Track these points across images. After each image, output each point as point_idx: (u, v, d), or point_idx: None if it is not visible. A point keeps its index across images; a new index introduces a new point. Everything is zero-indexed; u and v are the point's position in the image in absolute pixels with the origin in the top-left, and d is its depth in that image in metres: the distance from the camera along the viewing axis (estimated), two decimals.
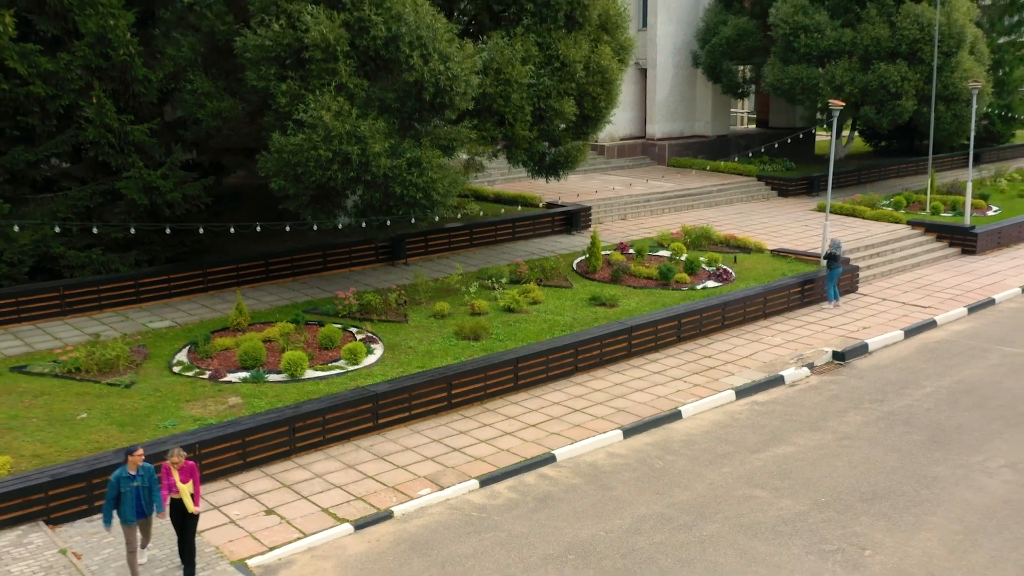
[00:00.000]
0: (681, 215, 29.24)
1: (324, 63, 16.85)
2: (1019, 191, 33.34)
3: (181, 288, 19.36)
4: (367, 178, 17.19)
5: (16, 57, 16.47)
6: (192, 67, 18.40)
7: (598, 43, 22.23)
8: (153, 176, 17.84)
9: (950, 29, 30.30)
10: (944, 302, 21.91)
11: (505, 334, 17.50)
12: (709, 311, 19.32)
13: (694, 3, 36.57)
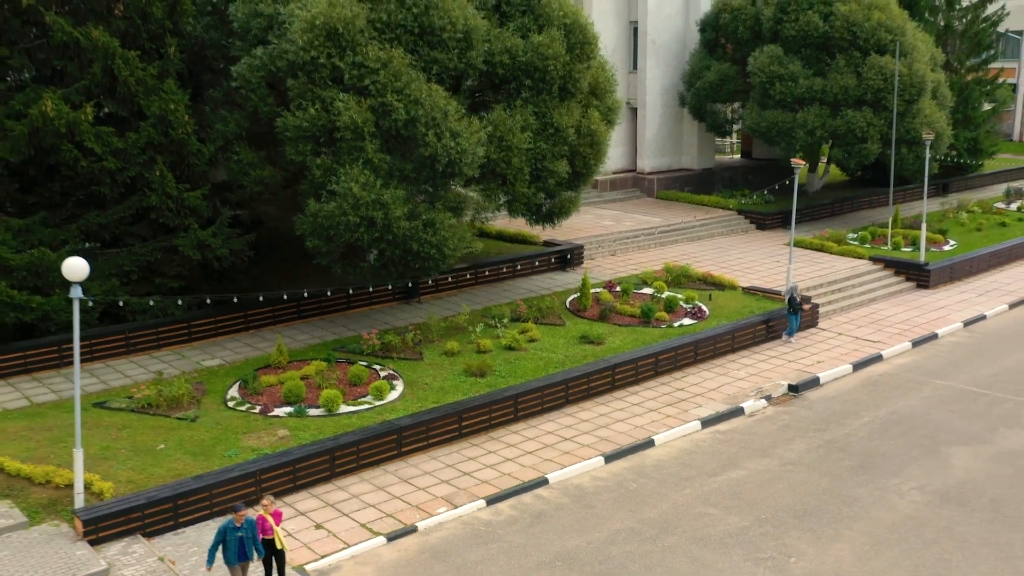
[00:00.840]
0: (666, 250, 32.24)
1: (353, 141, 19.86)
2: (977, 224, 36.29)
3: (227, 328, 22.40)
4: (389, 237, 20.19)
5: (93, 138, 19.48)
6: (238, 140, 21.44)
7: (588, 108, 25.25)
8: (205, 235, 20.88)
9: (911, 79, 33.31)
10: (892, 336, 24.93)
11: (507, 371, 20.51)
12: (683, 348, 22.34)
13: (680, 48, 39.56)
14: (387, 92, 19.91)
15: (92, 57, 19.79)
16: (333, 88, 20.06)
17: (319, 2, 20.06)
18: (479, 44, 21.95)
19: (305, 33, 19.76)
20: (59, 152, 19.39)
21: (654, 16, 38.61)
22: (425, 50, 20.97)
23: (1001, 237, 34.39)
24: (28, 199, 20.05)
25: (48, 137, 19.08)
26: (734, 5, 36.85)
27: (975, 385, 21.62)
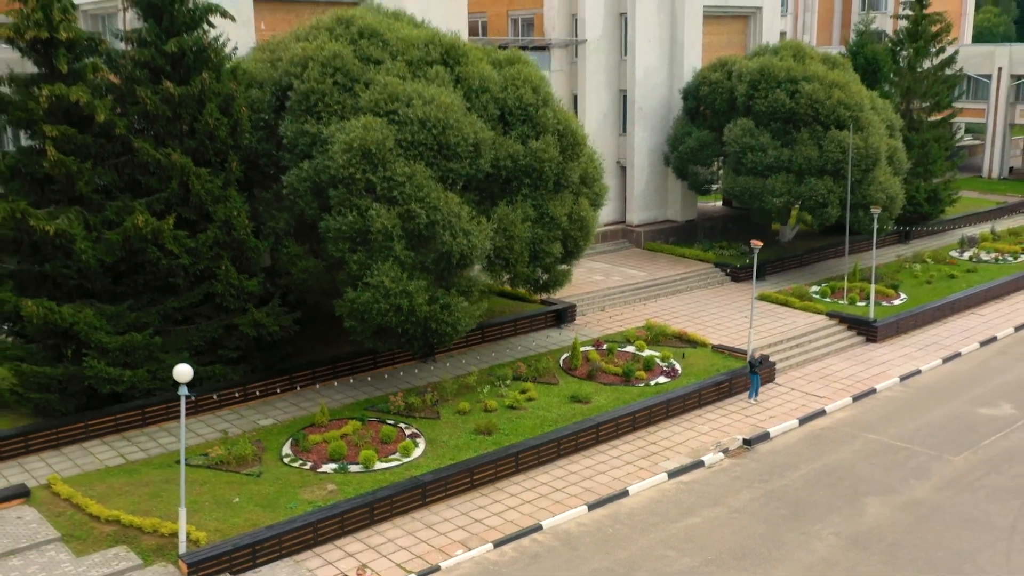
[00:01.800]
0: (649, 304, 36.64)
1: (384, 242, 24.23)
2: (929, 276, 40.64)
3: (275, 390, 26.80)
4: (412, 319, 24.56)
5: (172, 241, 23.88)
6: (286, 235, 25.85)
7: (579, 196, 29.64)
8: (260, 316, 25.28)
9: (867, 151, 37.69)
10: (836, 392, 29.30)
11: (509, 429, 24.91)
12: (657, 406, 26.73)
13: (666, 113, 43.93)
14: (411, 201, 24.30)
15: (171, 174, 24.20)
16: (367, 198, 24.44)
17: (355, 126, 24.45)
18: (487, 152, 26.36)
19: (344, 153, 24.15)
20: (145, 253, 23.79)
21: (642, 86, 43.01)
22: (442, 162, 25.37)
23: (947, 290, 38.73)
24: (118, 289, 24.43)
25: (137, 242, 23.49)
26: (712, 79, 41.26)
27: (899, 439, 26.00)
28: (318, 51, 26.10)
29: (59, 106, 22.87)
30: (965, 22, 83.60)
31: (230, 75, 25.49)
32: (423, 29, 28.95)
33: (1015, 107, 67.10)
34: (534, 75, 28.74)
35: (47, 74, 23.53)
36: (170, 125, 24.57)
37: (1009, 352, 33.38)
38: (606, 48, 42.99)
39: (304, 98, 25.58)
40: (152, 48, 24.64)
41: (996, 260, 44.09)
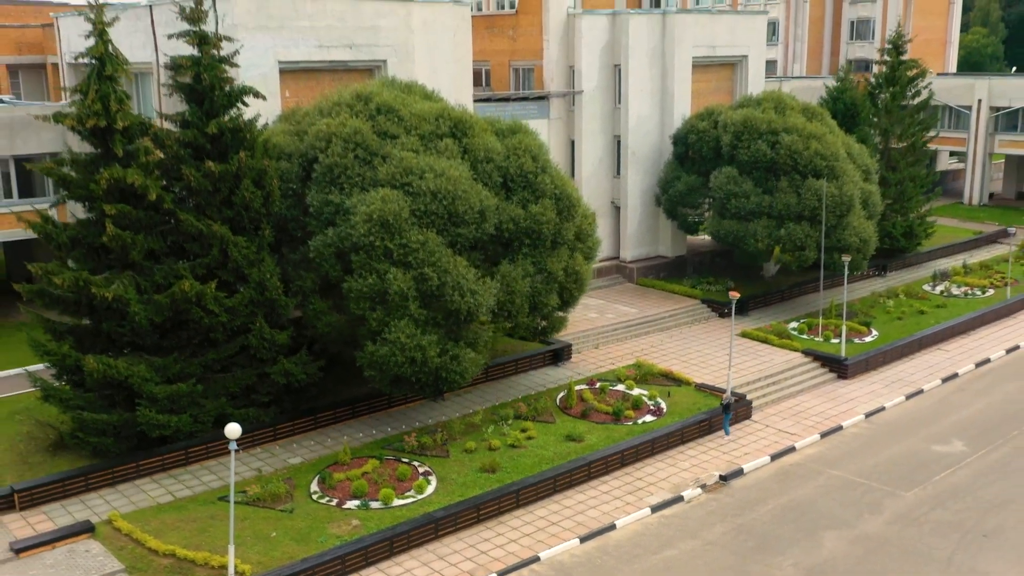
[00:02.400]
0: (639, 341, 39.76)
1: (400, 302, 27.35)
2: (900, 312, 43.76)
3: (302, 429, 29.95)
4: (425, 369, 27.69)
5: (213, 302, 27.04)
6: (312, 293, 29.00)
7: (574, 251, 32.78)
8: (290, 366, 28.42)
9: (841, 198, 40.77)
10: (806, 429, 32.43)
11: (511, 467, 28.05)
12: (643, 444, 29.86)
13: (657, 157, 47.06)
14: (424, 265, 27.44)
15: (211, 242, 27.36)
16: (385, 262, 27.58)
17: (375, 198, 27.60)
18: (491, 217, 29.52)
19: (365, 223, 27.29)
20: (189, 312, 26.94)
21: (634, 132, 46.17)
22: (451, 228, 28.52)
23: (916, 327, 41.85)
24: (164, 343, 27.57)
25: (183, 303, 26.64)
26: (700, 128, 44.42)
27: (858, 475, 29.13)
28: (340, 127, 29.26)
29: (116, 186, 26.02)
30: (950, 50, 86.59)
31: (263, 151, 28.59)
32: (434, 102, 32.08)
33: (994, 137, 70.21)
34: (534, 144, 31.90)
35: (104, 155, 26.69)
36: (210, 197, 27.71)
37: (968, 388, 36.51)
38: (601, 97, 46.14)
39: (328, 171, 28.75)
40: (195, 129, 27.79)
41: (966, 295, 47.18)
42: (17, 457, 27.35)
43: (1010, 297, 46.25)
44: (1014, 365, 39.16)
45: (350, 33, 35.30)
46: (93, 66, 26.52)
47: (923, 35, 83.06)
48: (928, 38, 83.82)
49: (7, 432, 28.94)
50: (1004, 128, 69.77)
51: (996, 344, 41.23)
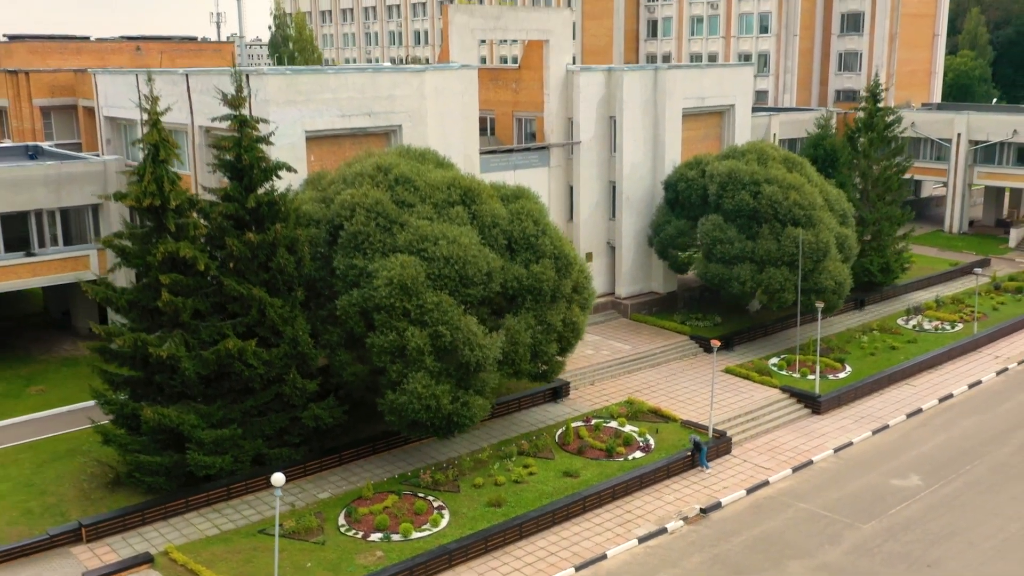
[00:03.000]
0: (632, 377, 43.39)
1: (417, 357, 31.01)
2: (874, 348, 47.39)
3: (328, 466, 33.61)
4: (439, 415, 31.34)
5: (252, 357, 30.70)
6: (339, 346, 32.66)
7: (571, 304, 36.43)
8: (319, 411, 32.10)
9: (817, 245, 44.42)
10: (780, 463, 36.05)
11: (515, 501, 31.70)
12: (632, 480, 33.50)
13: (649, 200, 50.73)
14: (438, 324, 31.10)
15: (251, 303, 31.04)
16: (404, 321, 31.22)
17: (394, 264, 31.25)
18: (497, 277, 33.19)
19: (386, 286, 30.95)
20: (232, 366, 30.62)
21: (628, 179, 49.85)
22: (462, 289, 32.18)
23: (887, 362, 45.48)
24: (208, 392, 31.26)
25: (226, 359, 30.28)
26: (688, 176, 48.09)
27: (823, 508, 32.76)
28: (363, 198, 32.92)
29: (170, 258, 29.71)
30: (935, 80, 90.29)
31: (295, 220, 32.25)
32: (446, 170, 35.76)
33: (973, 168, 73.94)
34: (535, 208, 35.57)
35: (158, 229, 30.38)
36: (249, 263, 31.37)
37: (929, 424, 40.13)
38: (597, 146, 49.80)
39: (353, 238, 32.42)
40: (236, 203, 31.46)
41: (936, 329, 50.82)
42: (80, 493, 31.05)
43: (977, 332, 49.90)
44: (974, 400, 42.77)
45: (369, 102, 38.99)
46: (149, 151, 30.11)
47: (908, 66, 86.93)
48: (914, 69, 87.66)
49: (69, 468, 32.65)
50: (982, 161, 73.51)
51: (960, 379, 44.86)
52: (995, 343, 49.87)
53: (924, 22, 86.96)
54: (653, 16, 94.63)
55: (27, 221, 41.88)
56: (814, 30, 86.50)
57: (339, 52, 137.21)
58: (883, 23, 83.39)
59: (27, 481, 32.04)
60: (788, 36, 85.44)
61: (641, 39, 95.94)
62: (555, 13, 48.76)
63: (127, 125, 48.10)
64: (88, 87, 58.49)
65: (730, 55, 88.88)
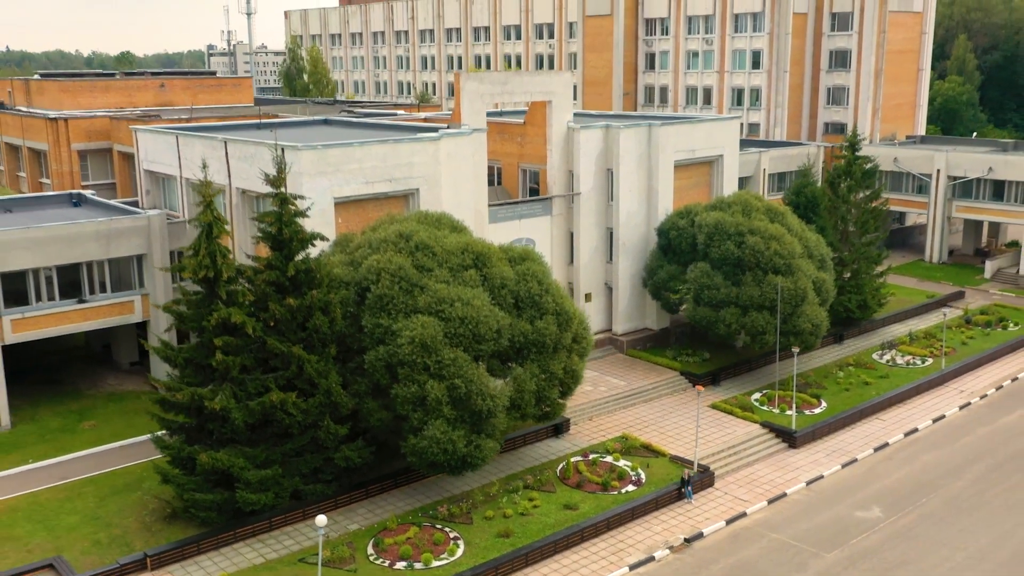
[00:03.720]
0: (627, 412, 47.83)
1: (436, 406, 35.44)
2: (849, 383, 51.77)
3: (356, 499, 38.05)
4: (455, 457, 35.76)
5: (292, 407, 35.14)
6: (366, 395, 37.11)
7: (571, 353, 40.84)
8: (350, 453, 36.55)
9: (796, 292, 48.82)
10: (757, 496, 40.43)
11: (521, 532, 36.12)
12: (625, 512, 37.90)
13: (643, 247, 55.16)
14: (455, 377, 35.53)
15: (290, 360, 35.50)
16: (424, 375, 35.65)
17: (415, 324, 35.67)
18: (505, 333, 37.62)
19: (408, 344, 35.38)
20: (274, 414, 35.06)
21: (624, 225, 54.30)
22: (475, 345, 36.61)
23: (860, 398, 49.86)
24: (253, 437, 35.73)
25: (270, 409, 34.72)
26: (679, 225, 52.52)
27: (792, 538, 37.17)
28: (388, 263, 37.35)
29: (222, 323, 34.17)
30: (919, 113, 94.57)
31: (328, 285, 36.68)
32: (460, 235, 40.17)
33: (952, 202, 78.33)
34: (539, 270, 39.98)
35: (210, 296, 34.86)
36: (289, 324, 35.82)
37: (894, 457, 44.52)
38: (596, 196, 54.25)
39: (379, 299, 36.85)
40: (277, 271, 35.90)
41: (908, 364, 55.21)
42: (142, 525, 35.53)
43: (944, 367, 54.28)
44: (937, 434, 47.17)
45: (390, 170, 43.45)
46: (203, 229, 34.56)
47: (894, 100, 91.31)
48: (899, 103, 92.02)
49: (129, 502, 37.14)
50: (960, 195, 77.94)
51: (925, 414, 49.26)
52: (961, 377, 54.25)
53: (908, 58, 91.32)
54: (651, 49, 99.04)
55: (79, 271, 46.33)
56: (803, 66, 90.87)
57: (348, 74, 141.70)
58: (869, 60, 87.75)
59: (93, 514, 36.51)
60: (779, 72, 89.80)
61: (639, 71, 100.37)
62: (557, 76, 53.22)
63: (165, 179, 52.56)
64: (122, 133, 63.17)
65: (724, 89, 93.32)
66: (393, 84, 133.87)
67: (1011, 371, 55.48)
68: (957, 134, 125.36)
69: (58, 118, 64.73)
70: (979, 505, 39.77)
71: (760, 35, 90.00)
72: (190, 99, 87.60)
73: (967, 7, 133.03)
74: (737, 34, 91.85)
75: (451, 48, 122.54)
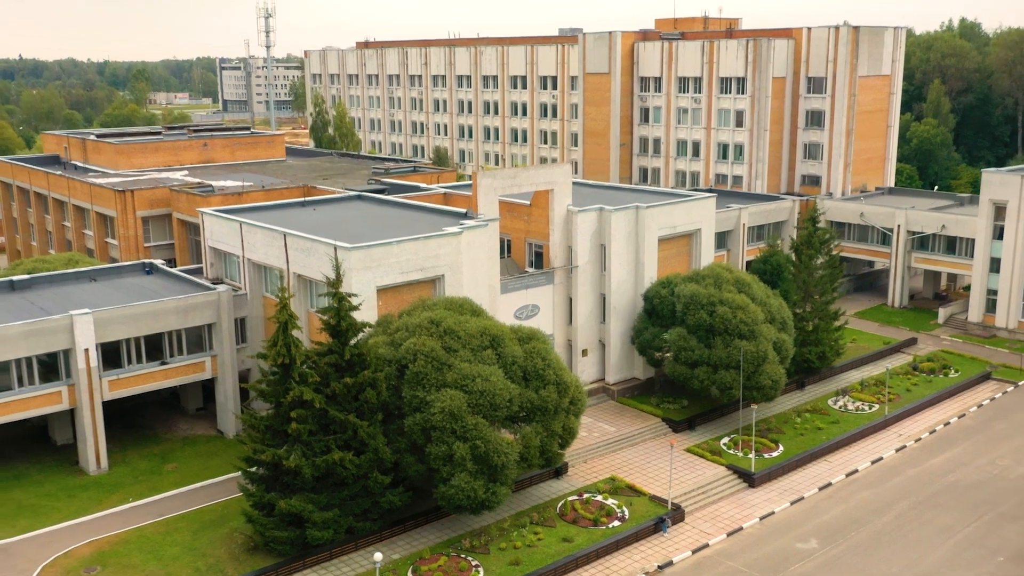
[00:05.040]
0: (616, 455, 57.43)
1: (461, 462, 45.06)
2: (804, 428, 61.32)
3: (396, 533, 47.74)
4: (476, 501, 45.42)
5: (348, 463, 44.80)
6: (406, 451, 46.78)
7: (568, 413, 50.47)
8: (394, 498, 46.28)
9: (757, 354, 58.37)
10: (719, 529, 50.00)
11: (528, 561, 45.78)
12: (611, 543, 47.54)
13: (632, 310, 64.81)
14: (476, 439, 45.19)
15: (347, 426, 45.20)
16: (452, 437, 45.29)
17: (445, 397, 45.32)
18: (515, 402, 47.32)
19: (439, 413, 45.03)
20: (335, 469, 44.71)
21: (615, 292, 63.99)
22: (491, 412, 46.28)
23: (812, 442, 59.42)
24: (317, 486, 45.44)
25: (332, 465, 44.45)
26: (661, 294, 62.17)
27: (744, 565, 46.74)
28: (421, 346, 46.98)
29: (296, 399, 43.90)
30: (888, 166, 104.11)
31: (375, 366, 46.33)
32: (479, 319, 49.78)
33: (911, 254, 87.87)
34: (543, 348, 49.59)
35: (285, 377, 44.57)
36: (345, 397, 45.51)
37: (834, 496, 54.08)
38: (591, 268, 63.90)
39: (415, 376, 46.51)
40: (336, 355, 45.59)
41: (857, 410, 64.76)
42: (231, 555, 45.25)
43: (887, 413, 63.82)
44: (874, 474, 56.72)
45: (421, 261, 53.16)
46: (280, 324, 44.26)
47: (864, 155, 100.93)
48: (869, 157, 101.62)
49: (219, 535, 46.86)
50: (918, 248, 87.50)
51: (866, 456, 58.83)
52: (901, 422, 63.80)
53: (878, 116, 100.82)
54: (645, 105, 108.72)
55: (162, 338, 56.13)
56: (782, 124, 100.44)
57: (364, 112, 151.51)
58: (841, 120, 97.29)
59: (190, 546, 46.24)
60: (760, 130, 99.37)
61: (635, 123, 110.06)
62: (558, 169, 62.92)
63: (227, 255, 62.28)
64: (180, 202, 73.12)
65: (711, 143, 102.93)
66: (407, 123, 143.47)
67: (946, 416, 65.03)
68: (932, 172, 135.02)
69: (125, 190, 74.57)
70: (897, 538, 49.36)
71: (743, 97, 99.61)
72: (229, 155, 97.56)
73: (942, 53, 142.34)
74: (723, 95, 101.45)
75: (461, 93, 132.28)
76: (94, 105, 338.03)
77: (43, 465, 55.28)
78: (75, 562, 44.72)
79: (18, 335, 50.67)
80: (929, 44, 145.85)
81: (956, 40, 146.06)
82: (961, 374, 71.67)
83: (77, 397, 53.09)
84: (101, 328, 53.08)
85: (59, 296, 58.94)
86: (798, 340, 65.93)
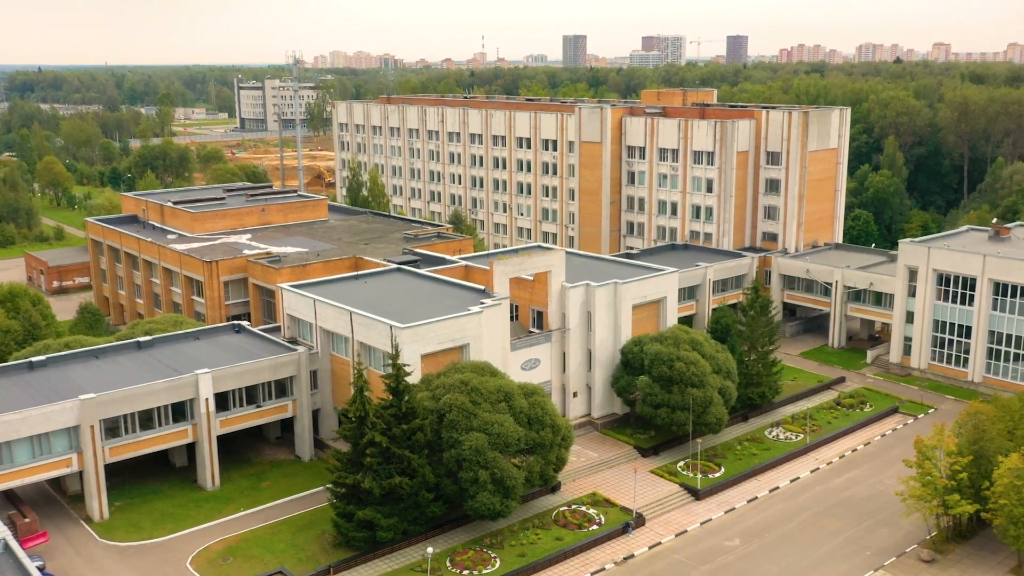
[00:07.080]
0: (597, 476, 76.34)
1: (484, 484, 64.01)
2: (743, 454, 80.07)
3: (435, 534, 66.70)
4: (494, 511, 64.34)
5: (406, 485, 63.79)
6: (444, 476, 65.76)
7: (560, 448, 69.35)
8: (436, 508, 65.33)
9: (705, 398, 77.17)
10: (669, 531, 68.72)
11: (531, 554, 64.67)
12: (590, 542, 66.44)
13: (611, 362, 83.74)
14: (494, 468, 64.09)
15: (404, 459, 64.23)
16: (477, 467, 64.20)
17: (472, 438, 64.27)
18: (522, 440, 66.32)
19: (468, 450, 63.99)
20: (396, 488, 63.85)
21: (599, 349, 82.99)
22: (505, 448, 65.24)
23: (747, 465, 78.21)
24: (384, 500, 64.47)
25: (395, 487, 63.43)
26: (633, 351, 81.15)
27: (685, 557, 65.56)
28: (455, 400, 65.87)
29: (370, 442, 62.98)
30: (837, 224, 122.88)
31: (422, 415, 65.25)
32: (496, 379, 68.63)
33: (847, 304, 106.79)
34: (542, 400, 68.44)
35: (359, 425, 63.61)
36: (402, 438, 64.47)
37: (759, 507, 72.90)
38: (580, 329, 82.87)
39: (450, 422, 65.48)
40: (395, 408, 64.59)
41: (786, 439, 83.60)
42: (322, 549, 64.33)
43: (809, 441, 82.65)
44: (791, 490, 75.54)
45: (452, 333, 72.19)
46: (357, 388, 63.30)
47: (816, 215, 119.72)
48: (820, 217, 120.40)
49: (311, 535, 65.90)
50: (853, 299, 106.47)
51: (787, 475, 77.67)
52: (819, 449, 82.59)
53: (827, 183, 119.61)
54: (632, 169, 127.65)
55: (257, 388, 75.28)
56: (746, 190, 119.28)
57: (387, 159, 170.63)
58: (794, 187, 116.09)
59: (292, 543, 65.29)
60: (726, 195, 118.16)
61: (623, 184, 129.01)
62: (555, 254, 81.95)
63: (300, 321, 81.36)
64: (255, 270, 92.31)
65: (686, 205, 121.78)
66: (425, 171, 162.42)
67: (855, 443, 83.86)
68: (887, 217, 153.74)
69: (212, 260, 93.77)
70: (798, 538, 68.24)
71: (712, 167, 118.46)
72: (282, 217, 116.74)
73: (896, 111, 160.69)
74: (695, 165, 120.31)
75: (474, 148, 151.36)
76: (121, 127, 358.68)
77: (171, 483, 74.43)
78: (212, 554, 63.85)
79: (161, 390, 69.89)
80: (886, 103, 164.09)
81: (910, 100, 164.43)
82: (874, 408, 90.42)
83: (199, 432, 72.23)
84: (216, 382, 72.23)
85: (175, 353, 78.14)
86: (743, 382, 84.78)
